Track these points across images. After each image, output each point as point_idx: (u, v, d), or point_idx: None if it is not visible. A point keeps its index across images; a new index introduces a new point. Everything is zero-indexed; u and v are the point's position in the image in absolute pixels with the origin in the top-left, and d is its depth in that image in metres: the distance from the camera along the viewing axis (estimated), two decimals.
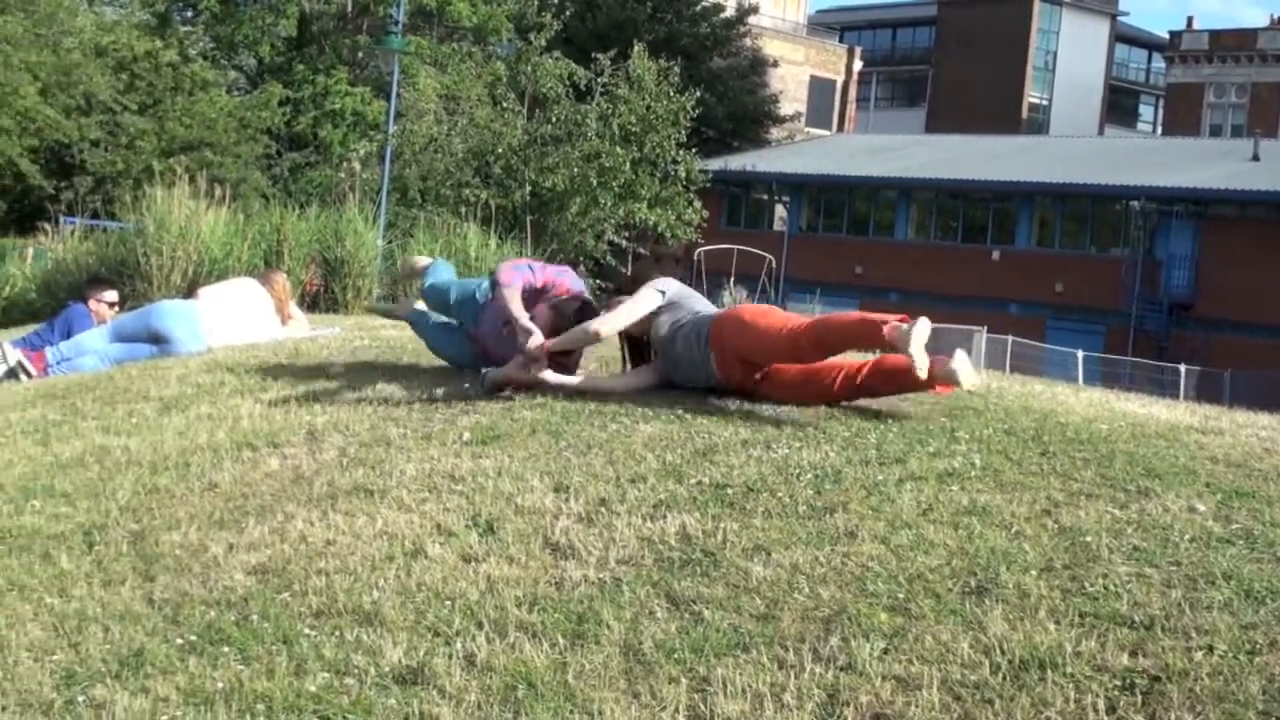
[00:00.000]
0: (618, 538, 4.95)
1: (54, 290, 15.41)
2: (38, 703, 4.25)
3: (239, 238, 14.54)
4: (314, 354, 9.23)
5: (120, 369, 9.73)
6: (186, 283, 13.85)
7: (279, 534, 5.42)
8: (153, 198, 14.68)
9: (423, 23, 51.61)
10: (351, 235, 14.77)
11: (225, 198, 15.01)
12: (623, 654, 4.11)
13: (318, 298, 14.57)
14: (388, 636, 4.34)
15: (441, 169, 36.53)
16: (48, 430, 7.89)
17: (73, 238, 16.82)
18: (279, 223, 15.02)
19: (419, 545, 5.10)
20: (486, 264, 14.99)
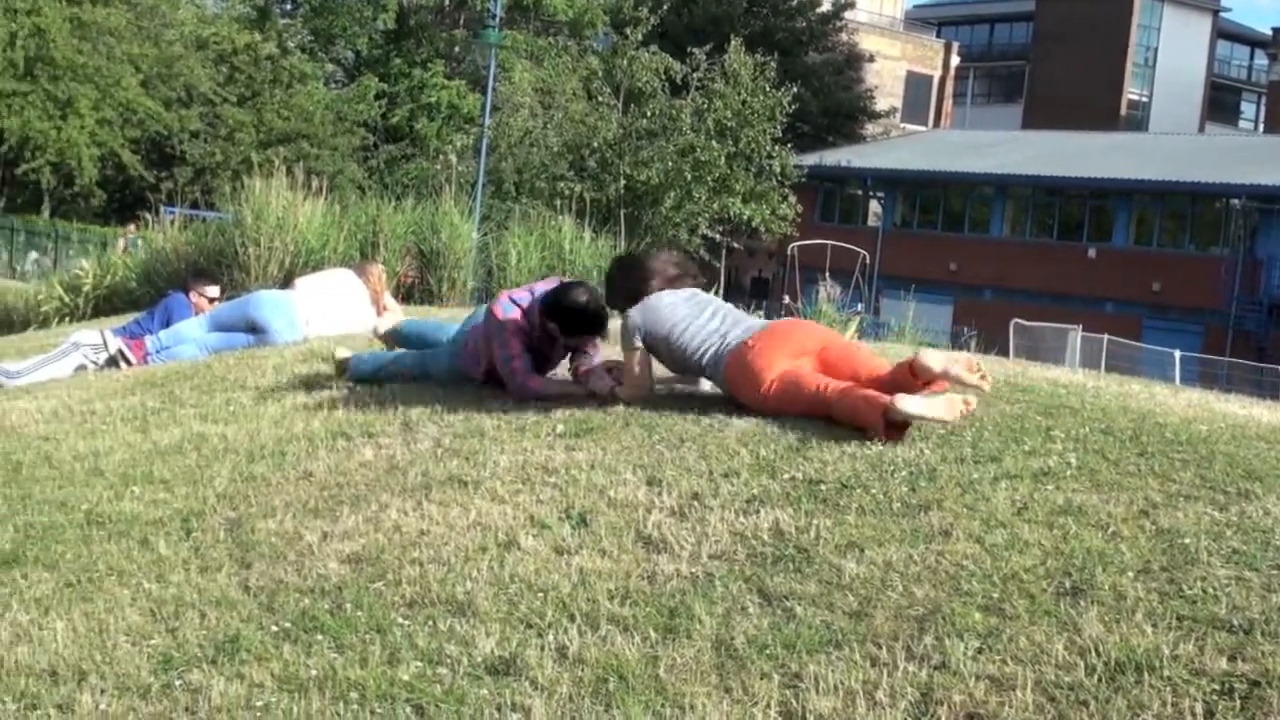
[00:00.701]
0: (710, 532, 4.94)
1: (154, 279, 15.60)
2: (135, 686, 4.30)
3: (335, 229, 14.65)
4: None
5: (218, 358, 9.83)
6: (283, 273, 13.98)
7: (373, 523, 5.46)
8: (251, 189, 14.81)
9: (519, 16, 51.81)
10: (447, 228, 14.85)
11: (322, 189, 15.11)
12: (714, 649, 4.11)
13: (412, 289, 14.65)
14: (480, 627, 4.36)
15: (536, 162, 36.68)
16: (147, 417, 7.99)
17: (172, 227, 16.99)
18: (375, 214, 15.13)
19: (512, 537, 5.12)
20: (580, 258, 15.02)
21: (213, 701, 4.11)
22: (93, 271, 17.27)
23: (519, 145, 37.70)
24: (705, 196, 34.96)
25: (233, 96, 53.31)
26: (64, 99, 49.68)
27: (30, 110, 48.91)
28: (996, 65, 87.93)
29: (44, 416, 8.36)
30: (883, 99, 66.83)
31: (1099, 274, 48.65)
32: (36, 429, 8.05)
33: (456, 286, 14.80)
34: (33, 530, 6.07)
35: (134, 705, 4.17)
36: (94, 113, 49.83)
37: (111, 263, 17.68)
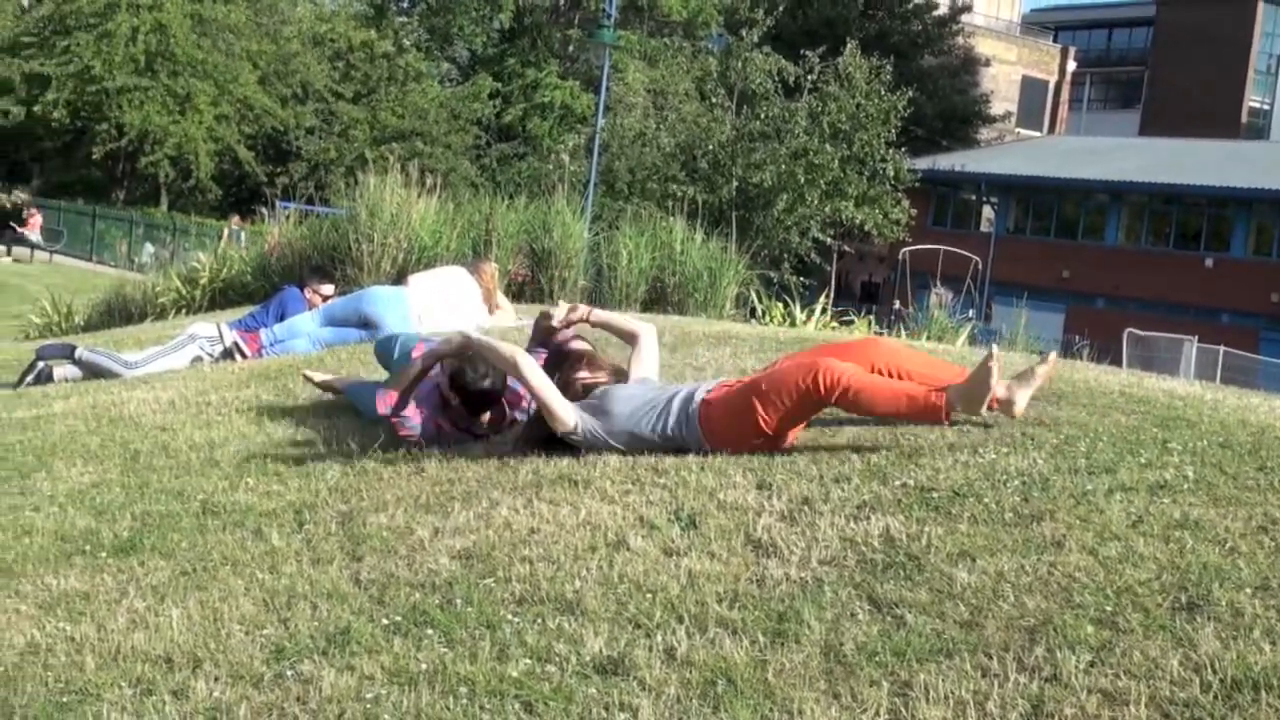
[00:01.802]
0: (820, 537, 4.93)
1: (268, 274, 15.78)
2: (248, 675, 4.36)
3: (448, 226, 14.72)
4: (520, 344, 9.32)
5: (330, 352, 9.95)
6: (396, 269, 14.07)
7: (484, 520, 5.49)
8: (365, 185, 14.93)
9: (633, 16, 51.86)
10: (559, 227, 14.88)
11: (436, 187, 15.20)
12: (823, 654, 4.09)
13: (523, 288, 14.70)
14: (589, 626, 4.37)
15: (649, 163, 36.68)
16: (262, 410, 8.10)
17: (287, 222, 17.18)
18: (488, 212, 15.19)
19: (621, 537, 5.13)
20: (691, 259, 15.00)
21: (324, 692, 4.15)
22: (209, 265, 17.50)
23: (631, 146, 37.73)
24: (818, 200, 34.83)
25: (348, 93, 53.87)
26: (183, 94, 50.50)
27: (150, 105, 49.75)
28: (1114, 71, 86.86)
29: (161, 407, 8.49)
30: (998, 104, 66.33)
31: (1216, 284, 47.96)
32: (154, 419, 8.18)
33: (567, 286, 14.83)
34: (150, 519, 6.17)
35: (247, 694, 4.22)
36: (212, 108, 50.60)
37: (228, 256, 17.89)
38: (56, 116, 49.54)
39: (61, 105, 49.42)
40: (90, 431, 8.10)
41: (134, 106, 49.88)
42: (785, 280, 30.22)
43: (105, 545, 5.89)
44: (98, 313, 18.41)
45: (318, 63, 53.56)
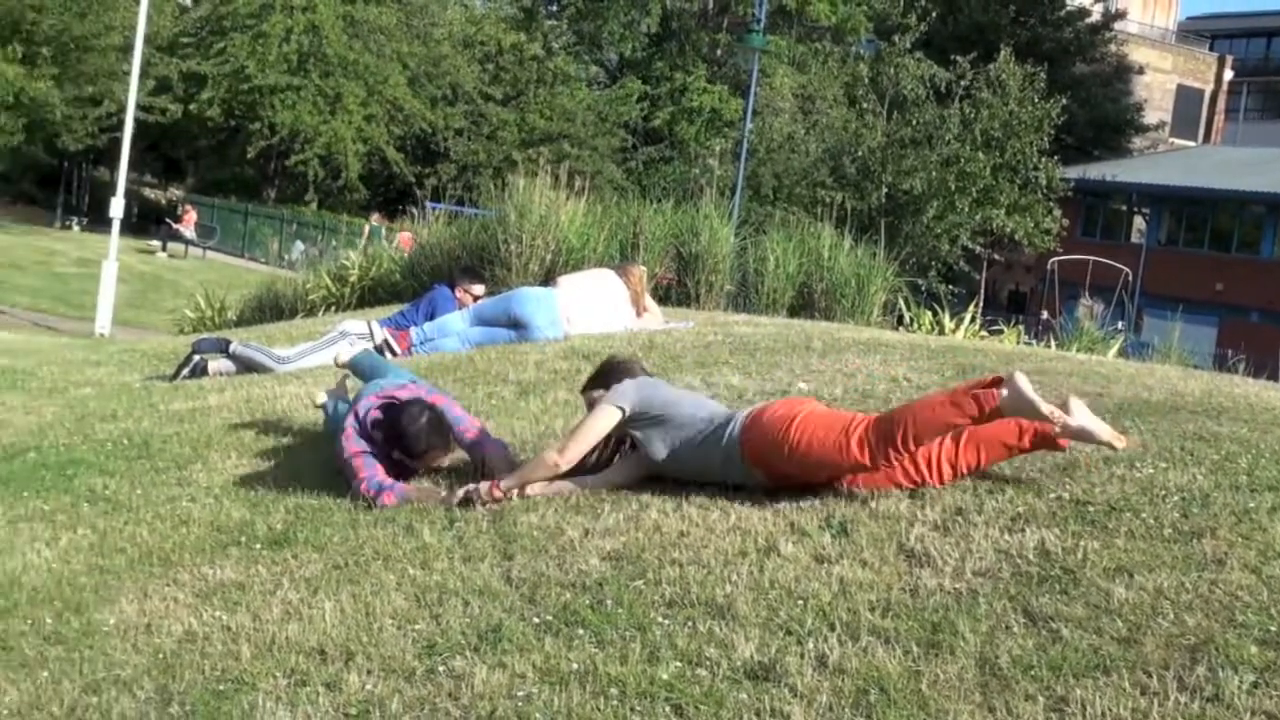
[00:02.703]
0: (974, 548, 4.86)
1: (417, 272, 15.91)
2: (400, 669, 4.40)
3: (596, 229, 14.76)
4: (668, 346, 9.33)
5: (480, 351, 10.01)
6: (543, 271, 14.13)
7: (634, 522, 5.49)
8: (514, 187, 15.01)
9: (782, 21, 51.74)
10: (707, 231, 14.86)
11: (584, 190, 15.25)
12: (978, 666, 4.04)
13: (669, 291, 14.70)
14: (740, 631, 4.35)
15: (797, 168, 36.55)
16: None
17: (437, 223, 17.33)
18: (636, 216, 15.20)
19: (772, 543, 5.11)
20: (839, 266, 14.92)
21: (475, 689, 4.17)
22: (358, 263, 17.70)
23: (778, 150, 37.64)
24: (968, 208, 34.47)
25: (497, 95, 54.25)
26: (333, 94, 51.18)
27: (301, 105, 50.46)
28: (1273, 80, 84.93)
29: (313, 402, 8.59)
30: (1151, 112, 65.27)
31: None
32: (306, 414, 8.29)
33: (714, 290, 14.80)
34: (303, 512, 6.25)
35: (399, 688, 4.25)
36: (362, 109, 51.20)
37: (378, 255, 18.09)
38: (211, 115, 50.43)
39: (216, 104, 50.32)
40: (244, 425, 8.22)
41: (286, 106, 50.65)
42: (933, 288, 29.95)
43: (259, 537, 5.98)
44: (250, 308, 18.70)
45: (467, 65, 54.00)
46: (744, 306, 15.10)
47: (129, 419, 8.88)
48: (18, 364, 12.73)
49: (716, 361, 8.65)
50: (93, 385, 11.11)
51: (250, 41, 50.20)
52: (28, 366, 12.52)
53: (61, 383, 11.44)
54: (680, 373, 8.23)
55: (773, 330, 10.34)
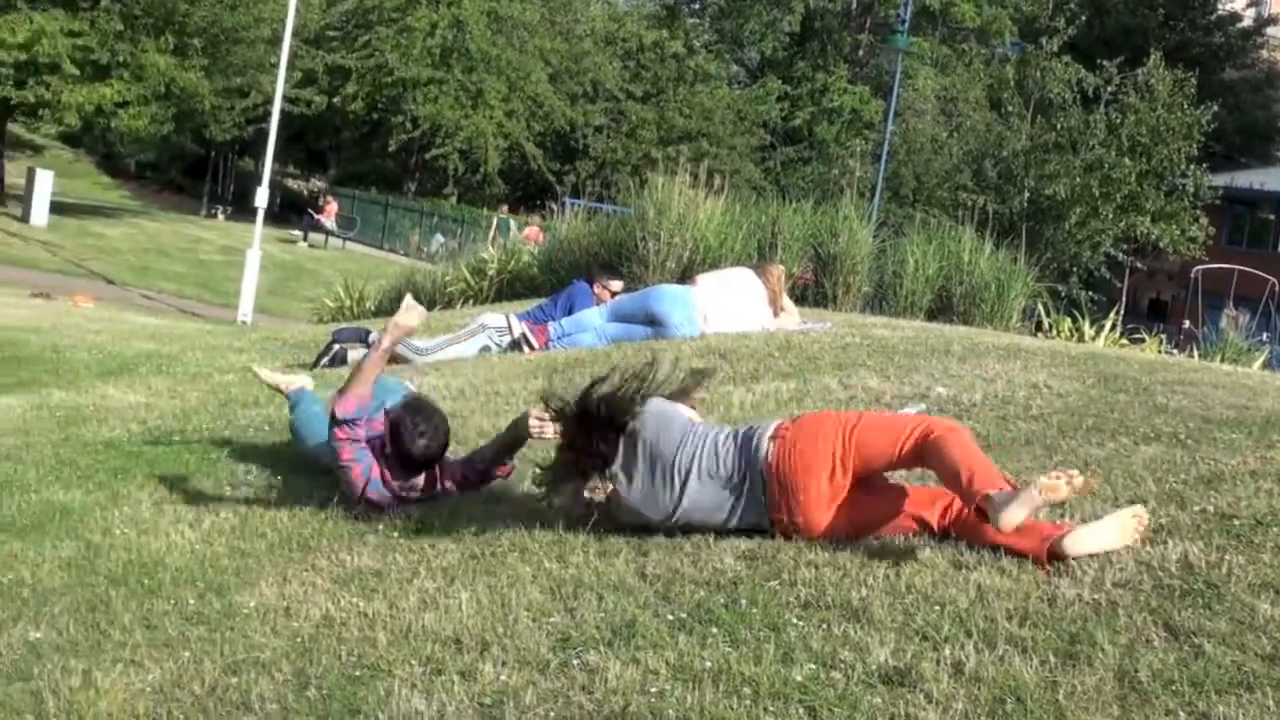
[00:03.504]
0: (1114, 559, 4.78)
1: (555, 268, 16.00)
2: (534, 661, 4.41)
3: (734, 228, 14.74)
4: (805, 347, 9.30)
5: (616, 347, 10.04)
6: (680, 269, 14.14)
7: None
8: (653, 184, 15.04)
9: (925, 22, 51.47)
10: (846, 232, 14.79)
11: (723, 188, 15.24)
12: (1116, 679, 3.97)
13: (807, 291, 14.65)
14: (875, 635, 4.32)
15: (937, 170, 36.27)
16: None
17: (575, 219, 17.42)
18: (775, 215, 15.17)
19: (909, 547, 5.07)
20: (979, 270, 14.78)
21: (609, 684, 4.18)
22: (497, 257, 17.83)
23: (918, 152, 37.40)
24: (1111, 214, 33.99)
25: (637, 93, 54.42)
26: (475, 89, 51.63)
27: (443, 99, 50.96)
28: None
29: (451, 394, 8.67)
30: None
31: None
32: (444, 405, 8.33)
33: (851, 292, 14.73)
34: (439, 502, 6.30)
35: (533, 679, 4.27)
36: (503, 104, 51.61)
37: (515, 249, 18.22)
38: (355, 108, 51.09)
39: (360, 97, 50.97)
40: None
41: (428, 100, 51.18)
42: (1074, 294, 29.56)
43: (397, 526, 6.05)
44: (388, 299, 18.89)
45: (609, 62, 54.21)
46: (880, 309, 15.02)
47: (270, 405, 9.01)
48: (164, 349, 12.99)
49: (854, 364, 8.61)
50: (235, 371, 11.29)
51: (395, 35, 50.82)
52: (173, 351, 12.78)
53: (205, 368, 11.66)
54: (818, 374, 8.21)
55: (911, 333, 10.27)
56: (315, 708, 4.29)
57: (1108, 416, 6.69)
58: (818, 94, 52.35)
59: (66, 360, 12.54)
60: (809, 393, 7.65)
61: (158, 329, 17.25)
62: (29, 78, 37.11)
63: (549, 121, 53.30)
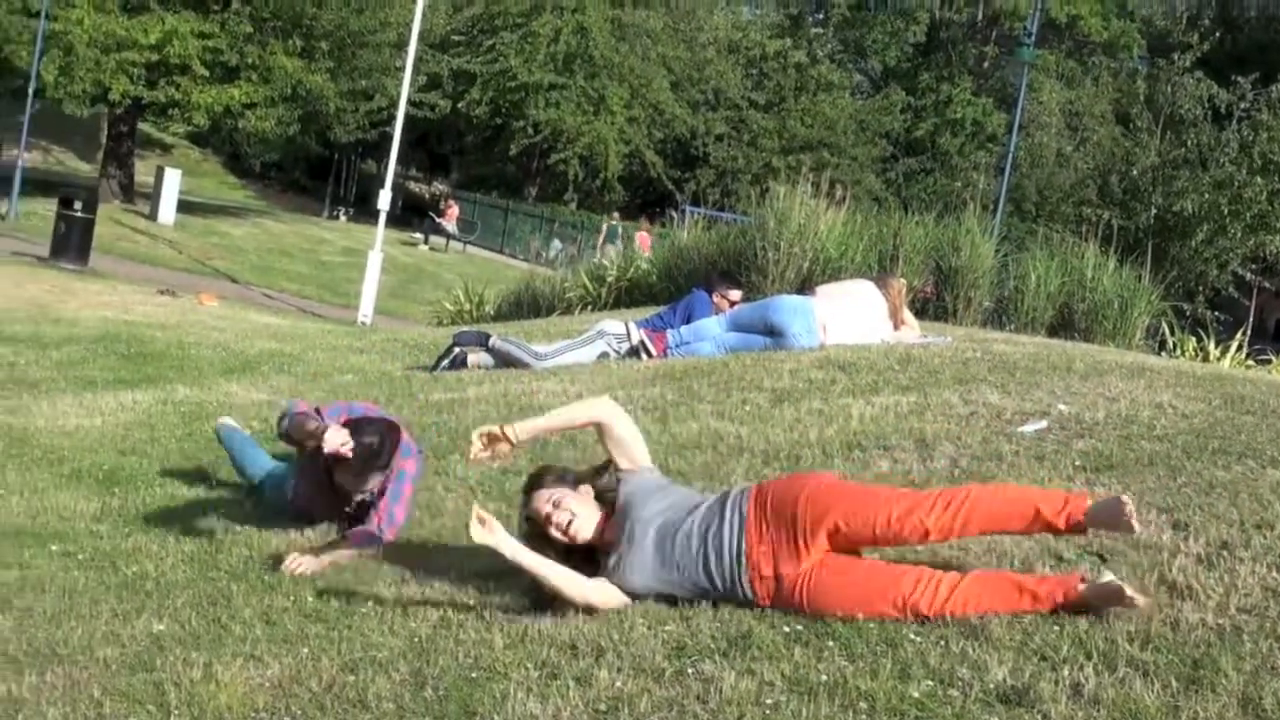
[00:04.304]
0: (1240, 584, 4.71)
1: (673, 275, 16.02)
2: (649, 669, 4.41)
3: (855, 239, 14.69)
4: (925, 361, 9.24)
5: (735, 357, 10.02)
6: (800, 279, 14.11)
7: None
8: (774, 193, 15.02)
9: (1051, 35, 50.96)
10: (968, 245, 14.68)
11: (844, 198, 15.19)
12: (1240, 706, 3.91)
13: (927, 305, 14.56)
14: (993, 654, 4.28)
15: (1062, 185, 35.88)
16: (666, 410, 8.21)
17: (695, 227, 17.44)
18: (897, 227, 15.10)
19: (1029, 566, 5.01)
20: (1102, 286, 14.62)
21: (723, 694, 4.17)
22: (616, 263, 17.89)
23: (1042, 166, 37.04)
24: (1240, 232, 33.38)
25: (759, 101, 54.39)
26: (597, 95, 51.90)
27: (565, 104, 51.25)
28: None
29: (569, 399, 8.69)
30: None
31: None
32: None
33: (971, 306, 14.63)
34: None
35: (648, 687, 4.27)
36: (624, 111, 51.81)
37: (633, 256, 18.27)
38: (478, 113, 51.49)
39: (484, 102, 51.37)
40: (502, 419, 8.32)
41: (550, 105, 51.50)
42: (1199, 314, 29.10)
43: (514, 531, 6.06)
44: (507, 303, 19.02)
45: (731, 70, 54.24)
46: (1000, 324, 14.90)
47: (390, 406, 9.07)
48: (286, 348, 13.16)
49: (975, 379, 8.54)
50: (355, 372, 11.42)
51: (519, 41, 51.17)
52: (295, 351, 12.94)
53: (326, 368, 11.80)
54: (938, 388, 8.15)
55: (1032, 349, 10.17)
56: (431, 708, 4.32)
57: (1234, 439, 6.58)
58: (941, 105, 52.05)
59: (191, 357, 12.74)
60: (929, 406, 7.60)
61: (279, 328, 17.47)
62: (160, 78, 37.78)
63: (670, 129, 53.42)
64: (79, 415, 9.49)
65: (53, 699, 4.62)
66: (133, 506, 7.12)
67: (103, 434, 8.93)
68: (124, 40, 36.44)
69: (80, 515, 7.01)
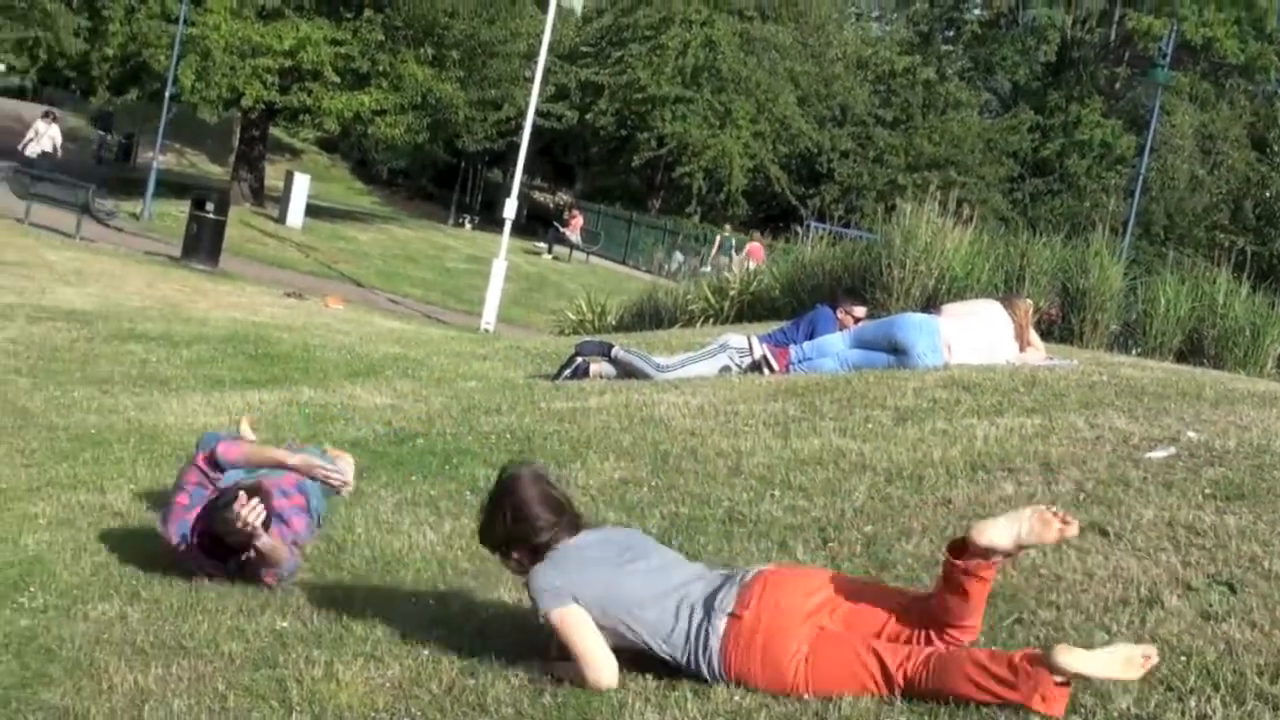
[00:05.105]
0: None
1: (797, 290, 15.97)
2: None
3: (981, 258, 14.57)
4: (1051, 383, 9.13)
5: (858, 374, 9.96)
6: (924, 297, 14.01)
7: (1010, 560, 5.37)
8: (901, 211, 14.95)
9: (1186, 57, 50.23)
10: (1096, 268, 14.51)
11: (971, 217, 15.07)
12: None
13: (1052, 327, 14.39)
14: (1118, 682, 4.22)
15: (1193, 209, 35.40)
16: (788, 425, 8.18)
17: (820, 242, 17.38)
18: (1024, 248, 14.96)
19: (1155, 594, 4.94)
20: (1233, 313, 14.37)
21: (842, 710, 4.16)
22: (739, 277, 17.86)
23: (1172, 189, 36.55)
24: None
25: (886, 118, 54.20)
26: (723, 109, 51.98)
27: (691, 117, 51.38)
28: None
29: (690, 412, 8.70)
30: None
31: None
32: (683, 423, 8.39)
33: (1098, 329, 14.44)
34: (678, 520, 6.34)
35: (766, 702, 4.28)
36: (750, 125, 51.86)
37: (759, 271, 18.24)
38: (604, 124, 51.73)
39: (610, 113, 51.60)
40: (623, 429, 8.37)
41: (676, 118, 51.63)
42: None
43: None
44: (629, 314, 19.04)
45: (859, 86, 54.09)
46: (1126, 348, 14.69)
47: (512, 414, 9.14)
48: (410, 353, 13.26)
49: (1101, 403, 8.42)
50: (478, 378, 11.49)
51: (647, 53, 51.35)
52: (418, 356, 13.04)
53: (449, 374, 11.88)
54: (1063, 411, 8.05)
55: (1161, 375, 10.01)
56: (549, 714, 4.35)
57: None
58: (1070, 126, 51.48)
59: (316, 359, 12.88)
60: (1054, 430, 7.51)
61: (403, 333, 17.64)
62: (293, 84, 38.34)
63: (795, 144, 53.37)
64: (207, 413, 9.63)
65: (178, 691, 4.70)
66: None
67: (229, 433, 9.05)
68: (259, 46, 37.05)
69: None
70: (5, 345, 12.27)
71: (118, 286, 19.49)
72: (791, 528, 6.05)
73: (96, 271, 21.23)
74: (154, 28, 36.96)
